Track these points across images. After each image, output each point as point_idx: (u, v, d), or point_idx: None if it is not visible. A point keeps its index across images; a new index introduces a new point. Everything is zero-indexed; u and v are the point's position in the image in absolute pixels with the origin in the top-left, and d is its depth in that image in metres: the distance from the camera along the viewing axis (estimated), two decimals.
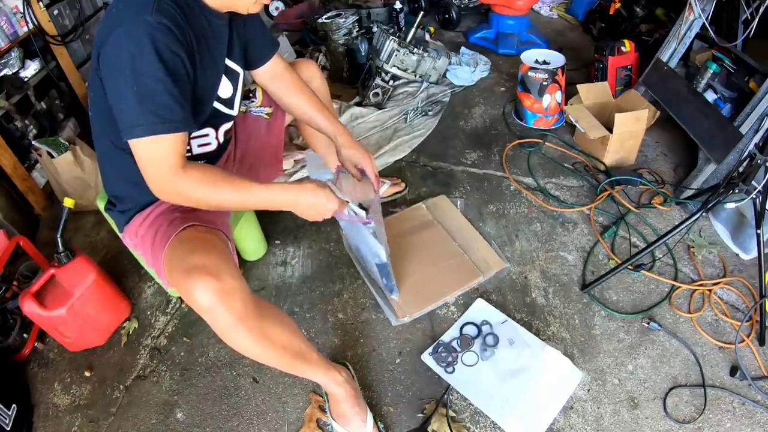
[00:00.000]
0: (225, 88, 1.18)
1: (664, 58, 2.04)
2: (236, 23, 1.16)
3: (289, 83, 1.35)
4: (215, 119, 1.21)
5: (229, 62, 1.17)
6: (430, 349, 1.40)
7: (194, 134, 1.19)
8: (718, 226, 1.71)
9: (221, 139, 1.27)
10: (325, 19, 2.61)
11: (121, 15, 0.92)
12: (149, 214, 1.16)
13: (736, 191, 1.33)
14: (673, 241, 1.63)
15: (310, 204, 1.07)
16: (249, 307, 0.94)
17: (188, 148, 1.19)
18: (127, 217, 1.21)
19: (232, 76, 1.20)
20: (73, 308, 1.38)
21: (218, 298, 0.89)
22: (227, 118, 1.24)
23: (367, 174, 1.31)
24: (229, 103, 1.22)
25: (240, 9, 1.06)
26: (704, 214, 1.37)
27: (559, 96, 2.16)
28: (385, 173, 2.03)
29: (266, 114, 1.48)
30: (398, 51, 2.30)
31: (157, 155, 0.95)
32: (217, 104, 1.18)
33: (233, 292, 0.91)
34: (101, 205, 1.31)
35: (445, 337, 1.42)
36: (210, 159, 1.27)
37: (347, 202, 1.14)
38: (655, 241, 1.41)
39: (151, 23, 0.89)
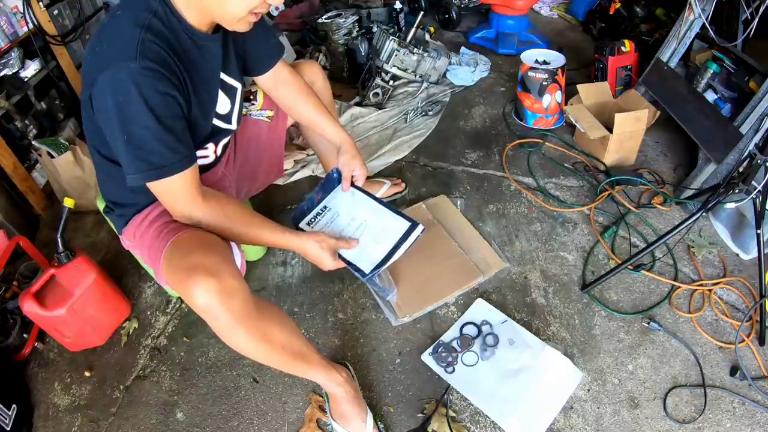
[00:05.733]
0: (223, 104, 1.17)
1: (664, 58, 2.04)
2: (233, 37, 1.14)
3: (293, 88, 1.34)
4: (214, 135, 1.20)
5: (226, 78, 1.16)
6: (430, 349, 1.40)
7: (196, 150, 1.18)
8: (718, 226, 1.71)
9: (219, 153, 1.28)
10: (325, 19, 2.61)
11: (107, 57, 0.91)
12: (148, 215, 1.16)
13: (736, 191, 1.33)
14: (673, 241, 1.63)
15: (310, 257, 1.19)
16: (248, 307, 0.94)
17: None
18: (125, 219, 1.21)
19: (230, 92, 1.19)
20: (73, 308, 1.38)
21: (217, 297, 0.89)
22: (226, 132, 1.24)
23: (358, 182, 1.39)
24: (227, 118, 1.21)
25: (224, 26, 1.03)
26: (704, 214, 1.37)
27: (559, 96, 2.16)
28: (385, 173, 2.04)
29: (267, 117, 1.48)
30: (398, 51, 2.30)
31: (165, 193, 1.00)
32: (215, 120, 1.17)
33: (233, 292, 0.91)
34: (101, 205, 1.31)
35: (445, 337, 1.42)
36: (206, 169, 1.27)
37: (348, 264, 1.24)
38: (655, 241, 1.41)
39: (136, 69, 0.88)
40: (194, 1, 0.98)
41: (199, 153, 1.20)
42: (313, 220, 1.37)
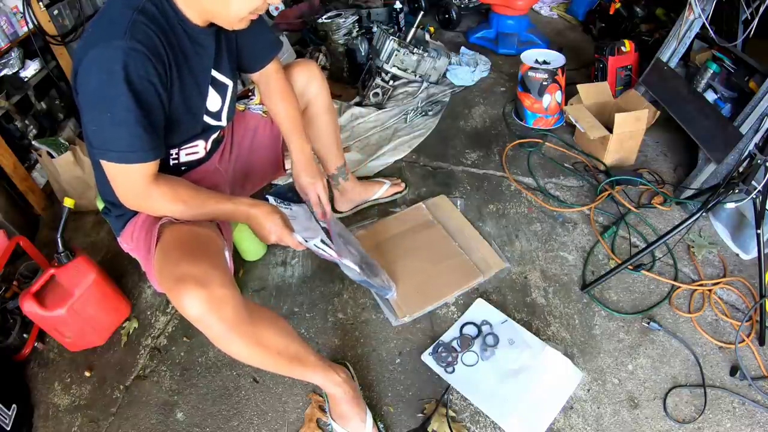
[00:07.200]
0: (213, 101, 1.17)
1: (664, 58, 2.04)
2: (227, 34, 1.14)
3: (274, 84, 1.33)
4: (204, 132, 1.20)
5: (216, 74, 1.15)
6: (430, 349, 1.40)
7: (183, 145, 1.18)
8: (718, 226, 1.71)
9: (209, 148, 1.27)
10: (325, 19, 2.61)
11: (97, 37, 0.91)
12: (147, 217, 1.15)
13: (736, 191, 1.33)
14: (673, 241, 1.63)
15: (258, 225, 1.11)
16: (241, 314, 0.94)
17: (176, 156, 1.19)
18: (122, 222, 1.20)
19: (220, 89, 1.18)
20: (73, 308, 1.38)
21: (208, 307, 0.88)
22: (216, 129, 1.24)
23: (311, 202, 1.31)
24: (217, 115, 1.21)
25: (224, 25, 1.03)
26: (704, 214, 1.37)
27: (559, 96, 2.16)
28: (385, 173, 2.04)
29: (264, 112, 1.48)
30: (398, 51, 2.30)
31: (126, 178, 0.98)
32: (205, 117, 1.17)
33: (223, 301, 0.90)
34: (101, 205, 1.31)
35: (445, 337, 1.42)
36: (197, 164, 1.26)
37: (304, 240, 1.17)
38: (655, 241, 1.41)
39: (123, 48, 0.87)
40: (194, 1, 0.98)
41: (188, 150, 1.20)
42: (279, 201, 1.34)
